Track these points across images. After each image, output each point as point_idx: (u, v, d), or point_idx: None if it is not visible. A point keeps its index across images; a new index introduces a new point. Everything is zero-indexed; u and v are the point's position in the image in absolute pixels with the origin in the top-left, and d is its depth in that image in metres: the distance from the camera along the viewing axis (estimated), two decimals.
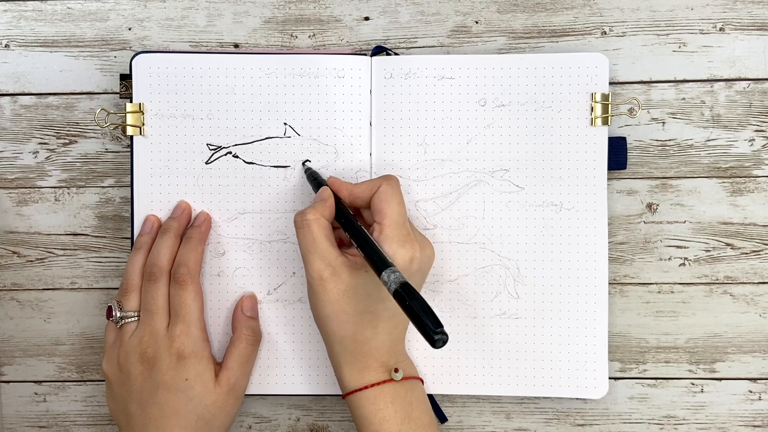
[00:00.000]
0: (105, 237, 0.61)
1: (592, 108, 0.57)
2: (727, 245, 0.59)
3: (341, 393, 0.54)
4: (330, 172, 0.58)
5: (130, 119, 0.57)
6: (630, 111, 0.59)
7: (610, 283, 0.59)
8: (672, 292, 0.60)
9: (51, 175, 0.60)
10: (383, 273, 0.46)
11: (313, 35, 0.60)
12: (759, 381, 0.60)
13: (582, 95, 0.57)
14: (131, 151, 0.58)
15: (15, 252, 0.61)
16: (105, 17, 0.60)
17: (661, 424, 0.60)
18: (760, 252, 0.59)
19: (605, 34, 0.59)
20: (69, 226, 0.61)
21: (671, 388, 0.60)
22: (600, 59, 0.57)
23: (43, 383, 0.61)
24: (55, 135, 0.60)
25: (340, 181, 0.55)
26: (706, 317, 0.60)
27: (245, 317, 0.57)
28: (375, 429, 0.52)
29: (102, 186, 0.60)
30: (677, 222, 0.59)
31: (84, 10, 0.60)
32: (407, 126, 0.58)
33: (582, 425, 0.60)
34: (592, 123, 0.57)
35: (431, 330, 0.43)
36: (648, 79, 0.59)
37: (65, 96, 0.60)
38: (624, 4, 0.59)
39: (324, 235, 0.52)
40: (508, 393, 0.58)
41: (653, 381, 0.60)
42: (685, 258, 0.59)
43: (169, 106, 0.58)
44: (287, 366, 0.58)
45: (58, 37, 0.60)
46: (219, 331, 0.58)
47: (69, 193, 0.60)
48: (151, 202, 0.58)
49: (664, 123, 0.59)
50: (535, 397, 0.60)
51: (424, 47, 0.60)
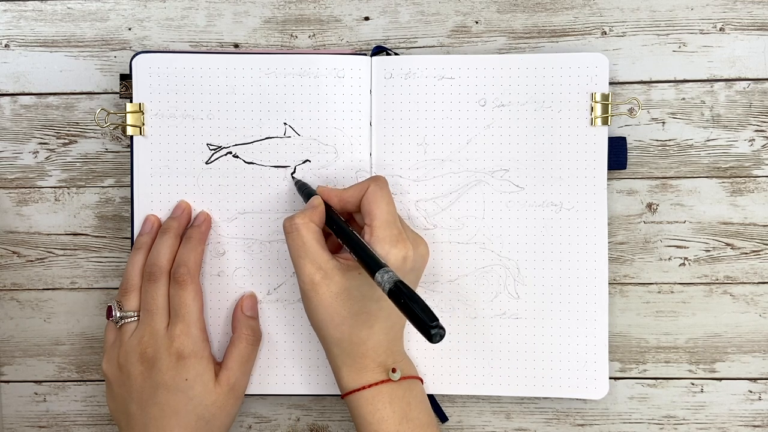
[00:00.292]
0: (105, 237, 0.61)
1: (592, 108, 0.57)
2: (727, 245, 0.59)
3: (340, 393, 0.54)
4: (330, 172, 0.58)
5: (130, 119, 0.57)
6: (630, 111, 0.59)
7: (610, 283, 0.59)
8: (672, 292, 0.60)
9: (51, 175, 0.60)
10: (377, 274, 0.46)
11: (313, 35, 0.60)
12: (759, 381, 0.60)
13: (582, 95, 0.57)
14: (131, 151, 0.58)
15: (15, 252, 0.61)
16: (105, 17, 0.60)
17: (661, 424, 0.60)
18: (760, 252, 0.59)
19: (605, 34, 0.59)
20: (69, 226, 0.61)
21: (671, 388, 0.60)
22: (600, 59, 0.57)
23: (43, 383, 0.61)
24: (55, 135, 0.60)
25: (329, 189, 0.54)
26: (706, 317, 0.60)
27: (245, 317, 0.57)
28: (373, 429, 0.52)
29: (102, 186, 0.60)
30: (677, 222, 0.59)
31: (84, 10, 0.60)
32: (407, 126, 0.58)
33: (582, 425, 0.60)
34: (592, 123, 0.57)
35: (427, 324, 0.42)
36: (648, 79, 0.59)
37: (65, 96, 0.60)
38: (624, 4, 0.59)
39: (314, 239, 0.51)
40: (508, 393, 0.58)
41: (653, 381, 0.60)
42: (685, 258, 0.59)
43: (169, 106, 0.58)
44: (287, 366, 0.58)
45: (58, 37, 0.60)
46: (219, 331, 0.58)
47: (69, 193, 0.60)
48: (151, 202, 0.58)
49: (664, 123, 0.59)
50: (535, 397, 0.60)
51: (424, 47, 0.60)
